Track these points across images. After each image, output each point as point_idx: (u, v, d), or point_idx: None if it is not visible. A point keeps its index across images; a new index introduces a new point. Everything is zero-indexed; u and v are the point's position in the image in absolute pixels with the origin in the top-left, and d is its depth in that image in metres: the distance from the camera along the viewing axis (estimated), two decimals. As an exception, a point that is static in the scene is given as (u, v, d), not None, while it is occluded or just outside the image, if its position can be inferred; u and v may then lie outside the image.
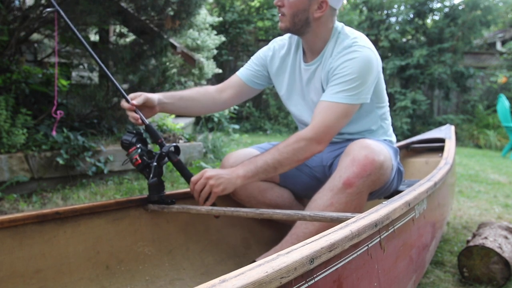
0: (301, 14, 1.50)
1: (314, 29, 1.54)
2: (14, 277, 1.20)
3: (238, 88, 1.75)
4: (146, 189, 2.85)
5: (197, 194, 1.46)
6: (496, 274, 1.66)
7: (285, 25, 1.53)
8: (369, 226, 0.94)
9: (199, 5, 3.50)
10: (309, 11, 1.49)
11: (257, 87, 1.77)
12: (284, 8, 1.50)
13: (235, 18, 9.92)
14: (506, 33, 11.31)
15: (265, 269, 0.63)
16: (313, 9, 1.49)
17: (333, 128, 1.47)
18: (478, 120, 9.03)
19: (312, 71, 1.61)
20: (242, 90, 1.76)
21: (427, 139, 2.90)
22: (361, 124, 1.65)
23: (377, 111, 1.66)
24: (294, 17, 1.50)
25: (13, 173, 2.62)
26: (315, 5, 1.49)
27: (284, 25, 1.53)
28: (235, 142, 5.64)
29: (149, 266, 1.50)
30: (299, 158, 1.46)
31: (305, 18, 1.50)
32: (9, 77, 2.89)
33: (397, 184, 1.69)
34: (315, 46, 1.58)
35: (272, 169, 1.45)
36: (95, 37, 3.95)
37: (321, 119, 1.46)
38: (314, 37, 1.56)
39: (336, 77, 1.48)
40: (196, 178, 1.46)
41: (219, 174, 1.43)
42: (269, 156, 1.45)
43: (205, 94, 1.72)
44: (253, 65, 1.75)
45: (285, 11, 1.50)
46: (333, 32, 1.57)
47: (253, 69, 1.75)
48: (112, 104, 3.50)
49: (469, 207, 2.98)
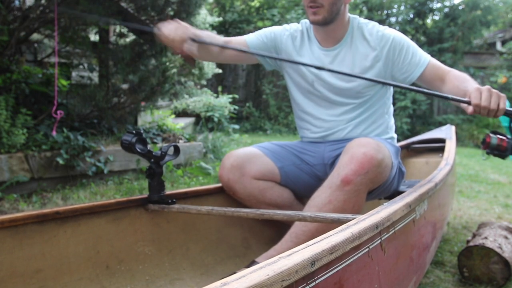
0: (338, 2, 1.54)
1: (341, 17, 1.60)
2: (14, 277, 1.20)
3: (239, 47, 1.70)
4: (146, 189, 2.85)
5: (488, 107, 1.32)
6: (496, 274, 1.66)
7: (323, 16, 1.54)
8: (370, 228, 0.93)
9: (199, 5, 3.50)
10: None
11: (259, 59, 1.76)
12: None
13: (235, 18, 9.92)
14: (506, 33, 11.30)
15: (266, 271, 0.63)
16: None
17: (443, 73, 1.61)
18: (478, 120, 9.02)
19: (334, 56, 1.65)
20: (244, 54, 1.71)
21: (428, 139, 2.89)
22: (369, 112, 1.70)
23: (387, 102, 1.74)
24: (332, 6, 1.53)
25: (13, 173, 2.62)
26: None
27: (322, 17, 1.55)
28: (235, 142, 5.64)
29: (149, 266, 1.50)
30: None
31: (340, 5, 1.56)
32: (9, 77, 2.89)
33: (398, 184, 1.69)
34: (338, 33, 1.64)
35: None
36: (95, 37, 3.95)
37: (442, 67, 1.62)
38: (339, 25, 1.62)
39: (402, 53, 1.61)
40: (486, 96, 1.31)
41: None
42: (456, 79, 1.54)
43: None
44: (264, 37, 1.73)
45: (323, 2, 1.52)
46: (352, 20, 1.65)
47: (262, 41, 1.72)
48: (112, 104, 3.50)
49: (469, 207, 2.98)
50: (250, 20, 10.28)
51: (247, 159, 1.68)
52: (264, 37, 1.73)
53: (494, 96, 1.31)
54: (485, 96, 1.30)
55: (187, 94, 7.08)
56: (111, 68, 3.64)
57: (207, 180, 3.44)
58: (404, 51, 1.61)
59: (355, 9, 10.29)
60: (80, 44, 3.34)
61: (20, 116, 2.76)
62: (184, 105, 6.77)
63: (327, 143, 1.72)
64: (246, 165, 1.67)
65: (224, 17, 9.67)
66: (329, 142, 1.72)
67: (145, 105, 3.81)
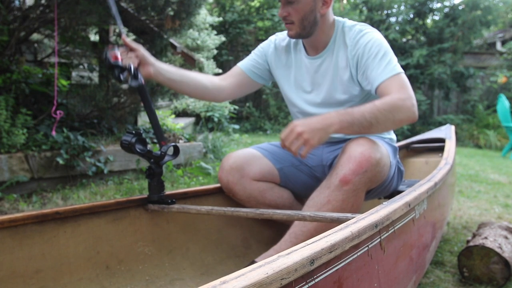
0: (309, 16, 1.50)
1: (321, 26, 1.55)
2: (14, 277, 1.20)
3: (238, 77, 1.73)
4: (146, 189, 2.85)
5: (290, 150, 1.33)
6: (496, 274, 1.66)
7: (295, 31, 1.53)
8: (369, 227, 0.94)
9: (199, 5, 3.51)
10: (315, 10, 1.50)
11: (257, 80, 1.76)
12: (291, 16, 1.49)
13: (235, 18, 9.92)
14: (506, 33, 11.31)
15: (265, 270, 0.63)
16: (319, 7, 1.50)
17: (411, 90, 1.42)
18: (478, 120, 9.03)
19: (319, 64, 1.61)
20: (242, 80, 1.74)
21: (427, 139, 2.90)
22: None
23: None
24: (303, 21, 1.50)
25: (13, 173, 2.62)
26: (320, 3, 1.50)
27: (294, 32, 1.53)
28: (235, 142, 5.64)
29: (149, 266, 1.50)
30: (395, 120, 1.37)
31: (313, 18, 1.51)
32: (9, 77, 2.88)
33: (397, 183, 1.69)
34: (320, 41, 1.59)
35: (367, 124, 1.34)
36: (95, 37, 3.95)
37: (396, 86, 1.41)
38: (320, 34, 1.57)
39: (370, 60, 1.48)
40: (286, 134, 1.32)
41: (311, 126, 1.30)
42: (367, 110, 1.34)
43: (207, 77, 1.69)
44: (255, 56, 1.75)
45: (292, 19, 1.50)
46: (336, 24, 1.59)
47: (254, 60, 1.74)
48: (112, 104, 3.50)
49: (469, 207, 2.98)
50: (250, 20, 10.29)
51: (246, 161, 1.68)
52: (255, 56, 1.75)
53: (297, 140, 1.30)
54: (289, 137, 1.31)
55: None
56: (111, 68, 3.63)
57: (207, 180, 3.44)
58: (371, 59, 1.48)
59: (355, 9, 10.30)
60: (80, 44, 3.34)
61: (20, 116, 2.77)
62: (184, 105, 6.77)
63: (325, 144, 1.72)
64: (245, 166, 1.67)
65: (224, 17, 9.68)
66: (327, 143, 1.72)
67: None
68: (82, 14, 2.86)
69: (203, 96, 1.69)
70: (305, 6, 1.48)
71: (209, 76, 1.71)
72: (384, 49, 1.48)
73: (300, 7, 1.47)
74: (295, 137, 1.30)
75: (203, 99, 1.75)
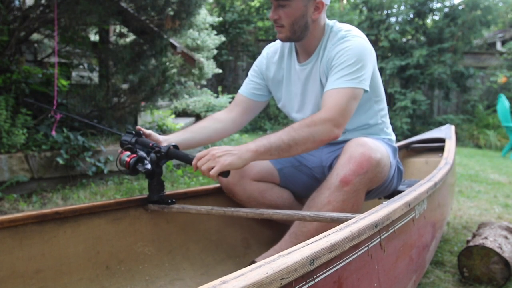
0: (300, 21, 1.49)
1: (312, 31, 1.54)
2: (14, 277, 1.20)
3: (243, 104, 1.75)
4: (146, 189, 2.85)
5: (200, 169, 1.37)
6: (496, 274, 1.66)
7: (285, 35, 1.52)
8: (369, 227, 0.94)
9: (199, 5, 3.51)
10: (307, 15, 1.49)
11: (262, 99, 1.76)
12: (281, 19, 1.48)
13: (235, 18, 9.92)
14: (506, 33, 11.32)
15: (265, 270, 0.63)
16: (310, 12, 1.49)
17: (346, 110, 1.41)
18: (478, 120, 9.03)
19: (309, 70, 1.60)
20: (248, 105, 1.75)
21: (427, 139, 2.90)
22: (359, 119, 1.64)
23: (374, 106, 1.66)
24: (293, 25, 1.49)
25: (13, 173, 2.62)
26: (312, 8, 1.48)
27: (284, 35, 1.52)
28: (235, 142, 5.64)
29: (149, 266, 1.50)
30: (315, 139, 1.38)
31: (304, 23, 1.50)
32: (9, 77, 2.89)
33: (397, 183, 1.69)
34: (311, 45, 1.58)
35: (286, 147, 1.36)
36: (95, 37, 3.95)
37: (332, 102, 1.40)
38: (311, 39, 1.56)
39: (335, 66, 1.46)
40: (202, 154, 1.38)
41: (227, 150, 1.36)
42: (284, 134, 1.37)
43: (214, 119, 1.72)
44: (251, 77, 1.76)
45: (283, 22, 1.49)
46: (326, 29, 1.57)
47: (252, 82, 1.75)
48: (112, 104, 3.51)
49: (469, 207, 2.98)
50: (250, 20, 10.29)
51: None
52: (252, 78, 1.76)
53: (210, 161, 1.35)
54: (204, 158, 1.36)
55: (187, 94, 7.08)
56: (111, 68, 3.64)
57: (207, 180, 3.44)
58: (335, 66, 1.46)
59: (355, 9, 10.30)
60: (80, 44, 3.34)
61: (20, 116, 2.77)
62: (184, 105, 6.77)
63: (325, 145, 1.72)
64: (245, 167, 1.67)
65: (224, 17, 9.68)
66: (327, 144, 1.72)
67: (145, 105, 3.82)
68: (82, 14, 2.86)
69: (218, 138, 1.75)
70: (296, 11, 1.46)
71: (216, 116, 1.74)
72: (355, 58, 1.44)
73: (291, 11, 1.46)
74: (209, 158, 1.35)
75: (220, 139, 1.80)
